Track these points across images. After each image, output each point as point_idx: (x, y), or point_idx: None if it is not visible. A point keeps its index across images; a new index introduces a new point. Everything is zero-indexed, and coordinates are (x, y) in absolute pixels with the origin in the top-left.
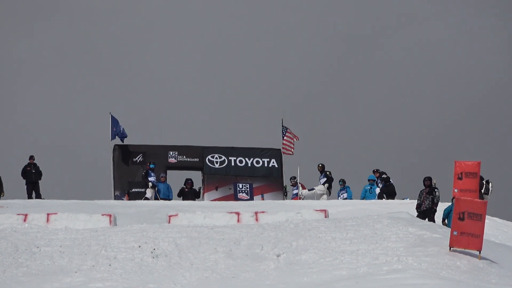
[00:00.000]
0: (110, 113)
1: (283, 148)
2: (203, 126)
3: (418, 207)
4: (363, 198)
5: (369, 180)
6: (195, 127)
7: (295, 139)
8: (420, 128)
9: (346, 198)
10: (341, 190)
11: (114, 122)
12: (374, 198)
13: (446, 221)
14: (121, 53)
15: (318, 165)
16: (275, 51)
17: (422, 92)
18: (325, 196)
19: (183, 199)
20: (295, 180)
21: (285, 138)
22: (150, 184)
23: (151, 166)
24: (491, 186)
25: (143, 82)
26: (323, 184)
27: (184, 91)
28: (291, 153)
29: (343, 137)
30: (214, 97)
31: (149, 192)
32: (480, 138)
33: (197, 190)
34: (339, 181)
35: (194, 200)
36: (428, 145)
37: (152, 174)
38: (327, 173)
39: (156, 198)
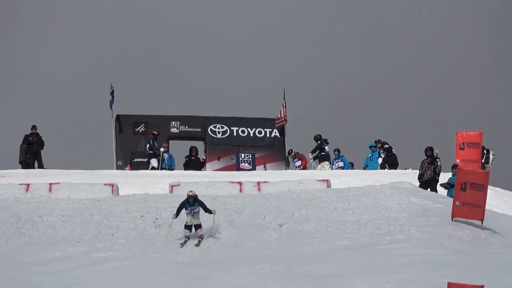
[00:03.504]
0: (110, 83)
1: (276, 120)
2: (206, 96)
3: (420, 177)
4: (365, 166)
5: (370, 147)
6: (198, 97)
7: (284, 115)
8: (422, 98)
9: (341, 167)
10: (335, 159)
11: (112, 92)
12: (376, 165)
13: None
14: (123, 21)
15: (315, 137)
16: (278, 20)
17: (425, 61)
18: (326, 164)
19: (189, 169)
20: (294, 152)
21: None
22: (161, 149)
23: (158, 135)
24: (492, 155)
25: (145, 51)
26: (310, 152)
27: (186, 61)
28: (282, 124)
29: (344, 107)
30: (216, 67)
31: (154, 162)
32: (482, 108)
33: (201, 160)
34: (334, 150)
35: (200, 169)
36: (430, 115)
37: (156, 144)
38: (318, 142)
39: (164, 166)
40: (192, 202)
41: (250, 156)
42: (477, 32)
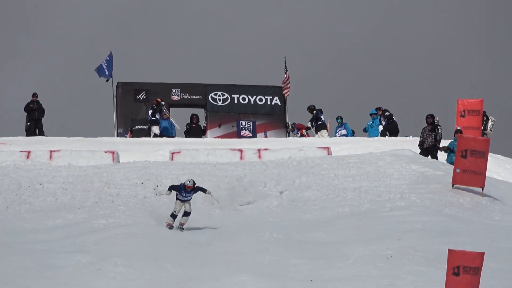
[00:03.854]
0: (110, 51)
1: (283, 88)
2: (206, 64)
3: (421, 144)
4: (366, 130)
5: (370, 114)
6: (198, 64)
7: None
8: (423, 65)
9: (345, 135)
10: (338, 127)
11: (110, 61)
12: (376, 133)
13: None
14: None
15: (309, 107)
16: None
17: (425, 26)
18: (324, 133)
19: (190, 136)
20: (290, 125)
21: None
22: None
23: (162, 103)
24: (491, 121)
25: (146, 18)
26: (309, 121)
27: (187, 28)
28: (287, 94)
29: (344, 75)
30: (217, 34)
31: (156, 129)
32: (483, 75)
33: (202, 127)
34: (337, 118)
35: (200, 137)
36: (431, 82)
37: (157, 110)
38: (314, 112)
39: (169, 133)
40: (188, 191)
41: (251, 124)
42: None
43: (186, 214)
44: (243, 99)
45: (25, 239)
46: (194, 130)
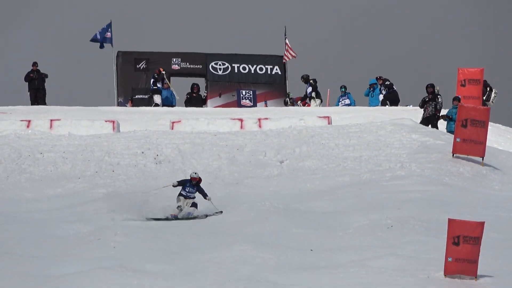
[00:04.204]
0: (110, 20)
1: (284, 55)
2: (207, 33)
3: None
4: (366, 95)
5: (370, 84)
6: (199, 33)
7: (290, 52)
8: (424, 34)
9: (348, 105)
10: (342, 96)
11: (104, 29)
12: (376, 102)
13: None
14: None
15: (302, 77)
16: None
17: None
18: (317, 102)
19: (190, 105)
20: (289, 100)
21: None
22: (165, 84)
23: (162, 72)
24: (494, 93)
25: None
26: (310, 93)
27: None
28: (287, 59)
29: (345, 44)
30: (217, 2)
31: (157, 98)
32: (484, 44)
33: (203, 97)
34: (341, 87)
35: (201, 106)
36: (432, 51)
37: (159, 79)
38: (311, 81)
39: (169, 103)
40: (194, 184)
41: (251, 93)
42: None
43: (193, 205)
44: (244, 68)
45: (25, 209)
46: (195, 100)
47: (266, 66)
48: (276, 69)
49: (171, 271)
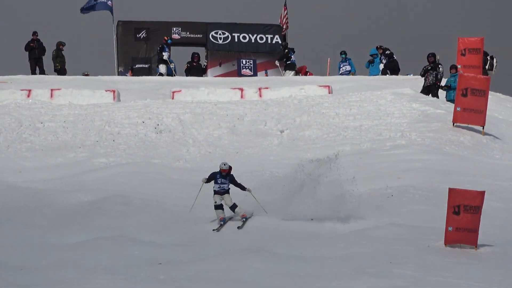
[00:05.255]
0: None
1: (282, 25)
2: (207, 2)
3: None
4: (367, 67)
5: (370, 55)
6: (199, 2)
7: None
8: (424, 3)
9: (348, 71)
10: (342, 62)
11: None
12: (377, 71)
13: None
14: None
15: (282, 44)
16: None
17: None
18: (291, 74)
19: (190, 75)
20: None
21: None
22: (164, 55)
23: (169, 41)
24: (496, 62)
25: None
26: (293, 60)
27: None
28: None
29: (345, 13)
30: None
31: (162, 68)
32: (484, 13)
33: (203, 66)
34: (341, 53)
35: (201, 75)
36: (432, 20)
37: (167, 50)
38: (285, 51)
39: (170, 74)
40: (224, 175)
41: (252, 62)
42: None
43: (233, 207)
44: (244, 37)
45: (26, 178)
46: (195, 69)
47: (267, 36)
48: (277, 39)
49: (172, 241)
